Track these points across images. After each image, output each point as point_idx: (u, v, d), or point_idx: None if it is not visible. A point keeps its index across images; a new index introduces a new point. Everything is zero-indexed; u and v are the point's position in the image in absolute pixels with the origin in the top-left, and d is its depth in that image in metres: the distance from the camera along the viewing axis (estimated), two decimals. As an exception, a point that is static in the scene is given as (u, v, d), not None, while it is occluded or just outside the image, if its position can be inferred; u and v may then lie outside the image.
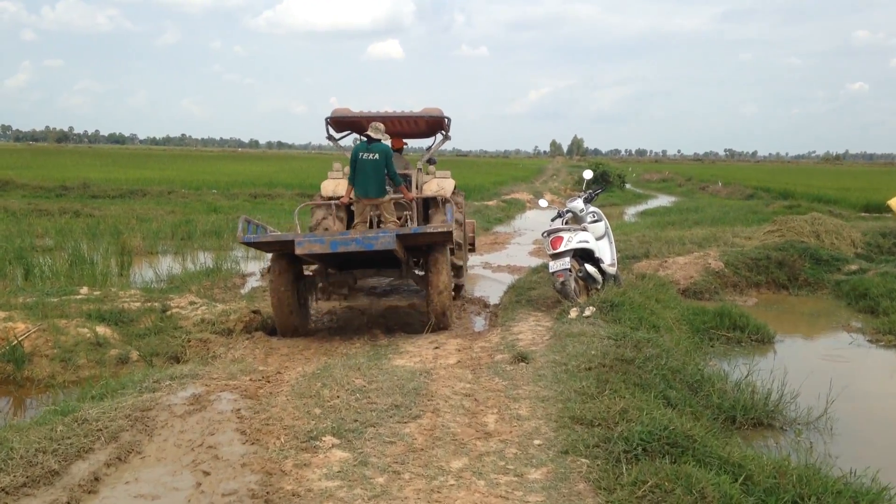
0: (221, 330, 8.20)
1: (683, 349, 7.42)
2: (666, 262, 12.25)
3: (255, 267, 13.13)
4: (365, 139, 9.27)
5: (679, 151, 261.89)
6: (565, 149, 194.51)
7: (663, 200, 36.24)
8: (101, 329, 7.80)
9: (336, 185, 10.12)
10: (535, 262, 14.63)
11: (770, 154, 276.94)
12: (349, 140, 11.22)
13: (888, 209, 16.51)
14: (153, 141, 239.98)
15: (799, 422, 6.15)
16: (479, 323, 9.26)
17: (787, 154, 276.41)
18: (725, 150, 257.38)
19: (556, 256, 8.52)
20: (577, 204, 9.24)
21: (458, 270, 10.00)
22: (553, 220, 9.44)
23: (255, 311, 8.80)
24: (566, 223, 9.39)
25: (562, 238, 8.57)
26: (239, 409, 4.87)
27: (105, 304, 8.63)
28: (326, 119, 10.03)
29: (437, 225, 8.60)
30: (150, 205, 22.44)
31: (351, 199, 9.34)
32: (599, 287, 8.85)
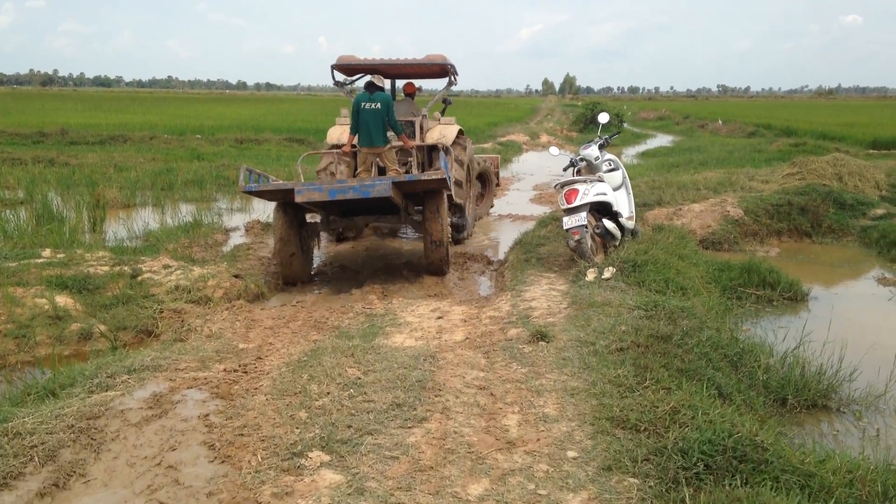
0: (198, 298, 7.30)
1: (715, 314, 6.64)
2: (680, 209, 11.36)
3: (239, 221, 12.19)
4: (367, 88, 9.31)
5: (672, 88, 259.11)
6: (557, 87, 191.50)
7: (662, 140, 35.13)
8: (62, 299, 6.90)
9: (342, 131, 10.24)
10: (538, 209, 13.75)
11: (763, 89, 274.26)
12: (361, 83, 10.85)
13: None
14: (139, 84, 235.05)
15: (857, 402, 5.34)
16: (484, 284, 8.41)
17: (779, 89, 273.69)
18: (718, 87, 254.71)
19: (570, 211, 7.62)
20: (592, 151, 8.30)
21: (460, 210, 10.26)
22: (565, 169, 8.52)
23: (236, 276, 7.92)
24: (579, 172, 8.48)
25: (577, 191, 7.65)
26: (207, 415, 4.00)
27: (69, 268, 7.71)
28: (332, 66, 10.26)
29: (431, 172, 8.39)
30: (130, 152, 21.31)
31: (354, 146, 9.43)
32: (617, 244, 7.97)
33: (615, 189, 8.19)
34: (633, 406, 4.04)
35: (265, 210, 13.38)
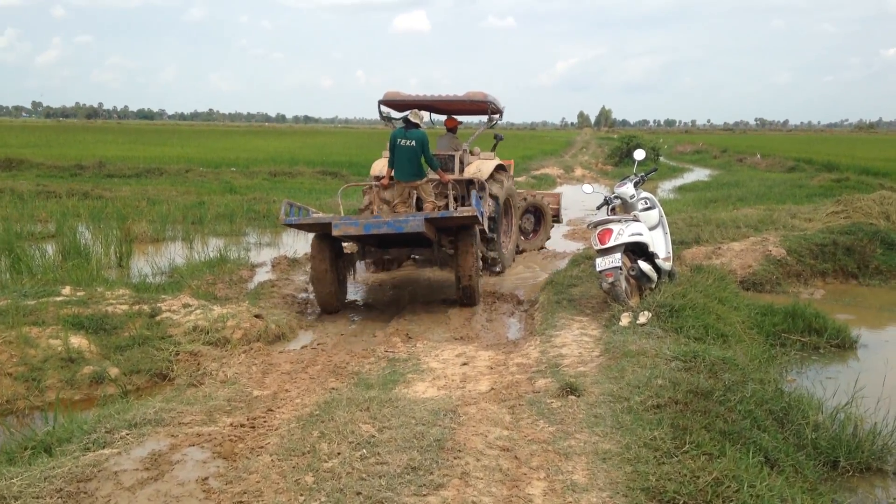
0: (216, 339, 7.05)
1: (758, 364, 6.22)
2: (720, 248, 10.92)
3: (267, 256, 11.99)
4: (404, 124, 9.67)
5: (709, 121, 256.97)
6: (593, 120, 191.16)
7: (700, 174, 34.55)
8: (77, 340, 6.68)
9: (383, 164, 10.53)
10: (572, 246, 13.38)
11: (801, 123, 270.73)
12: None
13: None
14: (181, 116, 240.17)
15: (917, 466, 4.88)
16: (513, 326, 8.07)
17: (818, 122, 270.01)
18: (756, 120, 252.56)
19: (604, 252, 7.26)
20: (627, 189, 7.95)
21: (493, 244, 10.54)
22: (599, 207, 8.19)
23: (257, 315, 7.66)
24: (613, 210, 8.13)
25: (611, 231, 7.30)
26: (207, 478, 3.70)
27: (88, 307, 7.51)
28: (379, 101, 10.84)
29: (462, 209, 8.70)
30: (164, 185, 21.38)
31: (392, 179, 9.75)
32: (654, 286, 7.58)
33: (651, 228, 7.82)
34: (671, 475, 3.66)
35: (293, 245, 13.22)
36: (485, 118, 11.48)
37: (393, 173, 9.66)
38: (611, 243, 7.24)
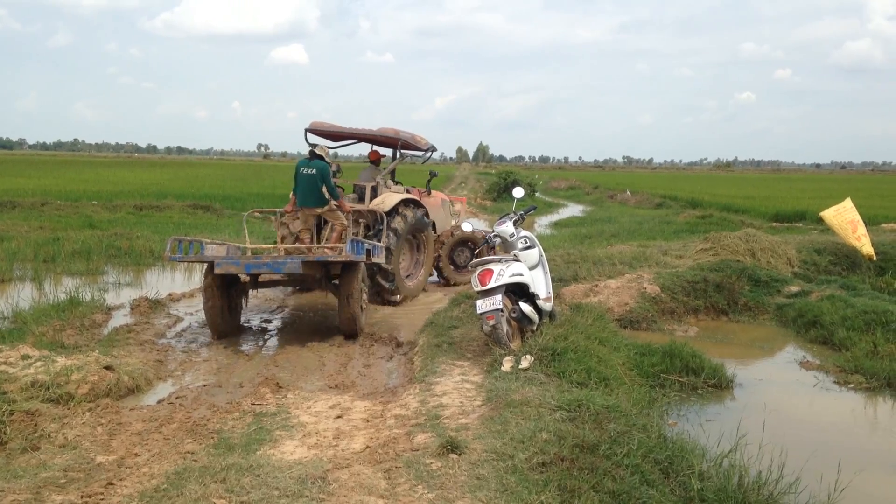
0: (58, 396, 6.26)
1: (640, 408, 6.09)
2: (597, 285, 10.95)
3: (127, 297, 11.06)
4: (309, 155, 10.35)
5: (580, 158, 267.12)
6: (471, 155, 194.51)
7: (574, 209, 35.45)
8: None
9: None
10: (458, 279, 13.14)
11: (665, 161, 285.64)
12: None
13: (821, 221, 15.70)
14: (43, 146, 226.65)
15: (802, 514, 4.80)
16: (392, 372, 7.65)
17: (680, 161, 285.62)
18: (623, 157, 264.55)
19: (484, 293, 7.00)
20: (507, 228, 7.75)
21: (388, 275, 11.02)
22: (479, 247, 7.95)
23: (107, 367, 6.91)
24: (493, 250, 7.92)
25: (491, 271, 7.05)
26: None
27: None
28: (305, 129, 11.82)
29: (337, 254, 9.07)
30: (16, 219, 19.72)
31: (295, 208, 10.47)
32: (535, 328, 7.38)
33: (531, 268, 7.64)
34: (560, 546, 3.34)
35: (157, 284, 12.36)
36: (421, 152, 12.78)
37: (296, 201, 10.38)
38: (491, 284, 6.99)
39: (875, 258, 13.94)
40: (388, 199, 11.32)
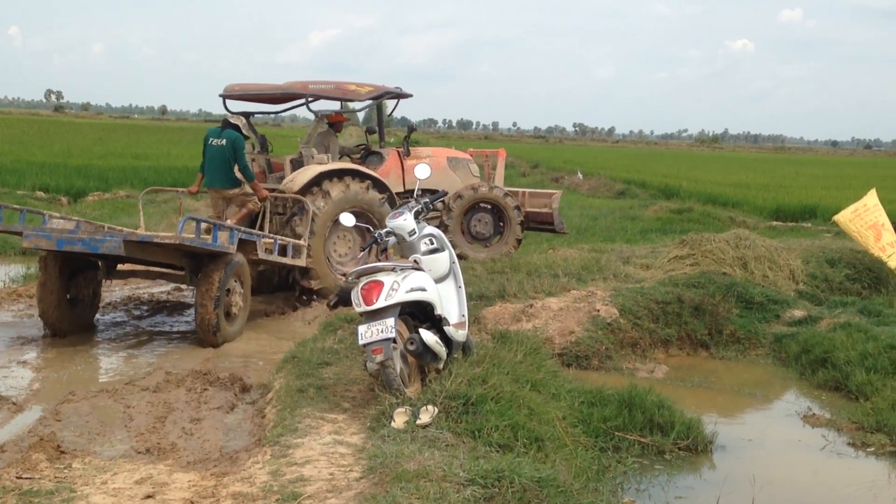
0: None
1: (585, 481, 6.21)
2: (532, 305, 11.09)
3: None
4: (221, 124, 11.90)
5: (515, 125, 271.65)
6: (361, 117, 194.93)
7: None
8: None
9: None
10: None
11: (631, 132, 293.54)
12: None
13: (836, 224, 16.34)
14: None
15: None
16: (233, 429, 7.56)
17: (651, 132, 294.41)
18: (575, 126, 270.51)
19: (370, 316, 6.96)
20: (406, 222, 7.74)
21: (306, 272, 12.41)
22: (363, 249, 7.92)
23: None
24: (385, 253, 7.91)
25: (381, 284, 7.00)
26: None
27: None
28: (220, 95, 13.65)
29: (165, 235, 10.31)
30: None
31: (200, 188, 12.39)
32: (441, 366, 7.40)
33: (439, 281, 7.67)
34: None
35: None
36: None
37: (203, 179, 11.90)
38: (380, 303, 6.94)
39: (908, 272, 14.54)
40: (301, 175, 12.61)
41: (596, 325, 10.70)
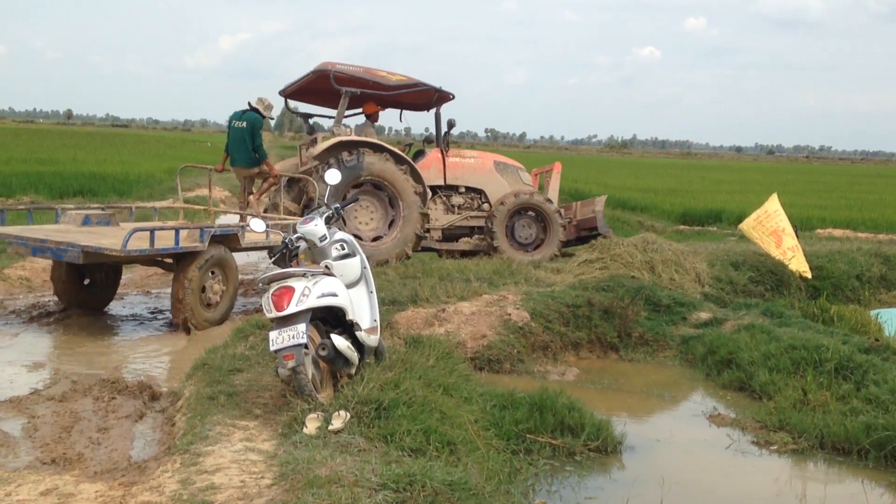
0: None
1: (497, 484, 6.26)
2: (444, 310, 11.11)
3: None
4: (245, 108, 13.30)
5: (427, 130, 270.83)
6: (273, 123, 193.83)
7: (416, 201, 35.95)
8: None
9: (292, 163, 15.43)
10: (240, 303, 12.92)
11: (542, 137, 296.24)
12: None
13: (743, 234, 16.70)
14: None
15: None
16: (141, 437, 7.45)
17: (562, 138, 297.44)
18: (487, 131, 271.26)
19: (281, 322, 6.92)
20: (316, 227, 7.72)
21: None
22: (275, 255, 7.87)
23: None
24: (295, 259, 7.87)
25: (292, 290, 6.97)
26: None
27: None
28: (280, 92, 15.39)
29: (109, 243, 10.27)
30: None
31: (225, 167, 13.91)
32: (354, 371, 7.40)
33: (350, 286, 7.67)
34: None
35: None
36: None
37: (227, 159, 13.42)
38: (291, 309, 6.91)
39: (809, 276, 14.94)
40: (321, 144, 14.02)
41: (508, 329, 10.78)
